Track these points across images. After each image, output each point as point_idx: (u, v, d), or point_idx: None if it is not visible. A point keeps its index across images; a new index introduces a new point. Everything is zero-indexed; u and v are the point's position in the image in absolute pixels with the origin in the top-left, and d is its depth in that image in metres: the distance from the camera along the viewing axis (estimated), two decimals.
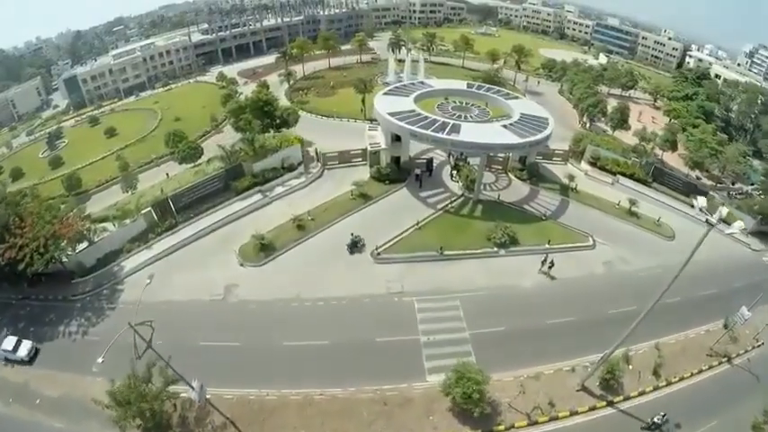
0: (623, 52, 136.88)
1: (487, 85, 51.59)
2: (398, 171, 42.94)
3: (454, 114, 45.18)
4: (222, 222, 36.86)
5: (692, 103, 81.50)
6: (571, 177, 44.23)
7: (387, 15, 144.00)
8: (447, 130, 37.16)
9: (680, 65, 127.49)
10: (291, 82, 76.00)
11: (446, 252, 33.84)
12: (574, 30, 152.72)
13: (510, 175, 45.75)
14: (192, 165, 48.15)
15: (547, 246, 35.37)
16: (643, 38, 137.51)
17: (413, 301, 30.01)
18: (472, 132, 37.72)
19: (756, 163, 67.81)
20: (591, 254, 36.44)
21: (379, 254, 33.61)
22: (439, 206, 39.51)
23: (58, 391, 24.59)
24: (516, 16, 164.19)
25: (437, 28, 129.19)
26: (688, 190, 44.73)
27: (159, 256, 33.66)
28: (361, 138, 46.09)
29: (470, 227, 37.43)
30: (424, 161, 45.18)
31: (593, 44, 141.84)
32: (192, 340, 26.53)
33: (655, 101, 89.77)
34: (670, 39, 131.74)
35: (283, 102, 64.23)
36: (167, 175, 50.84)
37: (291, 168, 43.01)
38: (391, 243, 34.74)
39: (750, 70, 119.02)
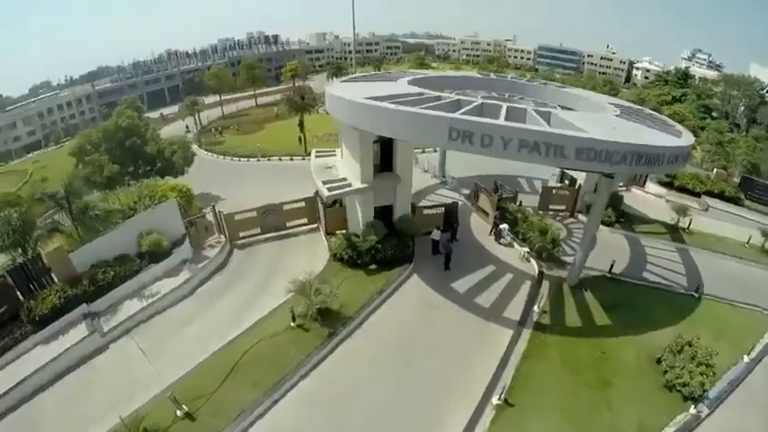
0: (570, 72, 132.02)
1: (511, 74, 31.36)
2: (395, 239, 19.99)
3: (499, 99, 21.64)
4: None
5: (687, 104, 73.01)
6: (681, 210, 25.54)
7: (320, 57, 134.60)
8: (536, 118, 14.56)
9: (628, 78, 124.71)
10: (201, 117, 53.81)
11: None
12: (515, 58, 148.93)
13: (581, 217, 25.73)
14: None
15: (746, 360, 15.89)
16: (588, 55, 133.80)
17: None
18: (587, 124, 14.43)
19: None
20: None
21: None
22: (511, 315, 17.28)
23: None
24: (454, 51, 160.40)
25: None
26: None
27: None
28: (305, 181, 22.57)
29: (609, 362, 15.31)
30: (442, 210, 22.35)
31: (537, 69, 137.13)
32: None
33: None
34: (614, 53, 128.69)
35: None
36: None
37: (159, 254, 19.13)
38: None
39: None
